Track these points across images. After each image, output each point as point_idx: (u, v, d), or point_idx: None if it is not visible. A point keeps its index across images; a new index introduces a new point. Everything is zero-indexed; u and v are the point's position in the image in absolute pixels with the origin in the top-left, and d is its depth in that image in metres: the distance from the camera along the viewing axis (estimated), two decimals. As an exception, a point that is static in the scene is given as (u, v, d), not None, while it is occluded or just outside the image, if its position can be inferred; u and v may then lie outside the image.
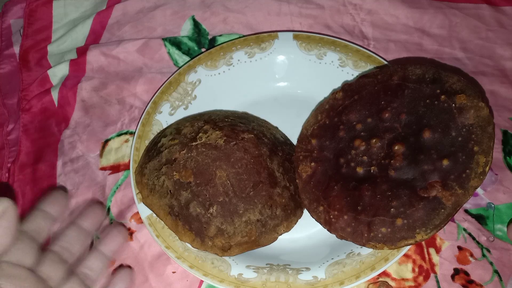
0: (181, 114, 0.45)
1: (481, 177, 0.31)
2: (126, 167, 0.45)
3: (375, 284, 0.38)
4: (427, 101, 0.34)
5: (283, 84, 0.47)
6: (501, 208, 0.40)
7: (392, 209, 0.33)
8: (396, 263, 0.38)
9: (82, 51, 0.51)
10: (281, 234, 0.38)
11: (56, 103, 0.49)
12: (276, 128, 0.45)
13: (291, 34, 0.47)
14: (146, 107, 0.44)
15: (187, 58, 0.51)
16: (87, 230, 0.37)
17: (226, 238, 0.36)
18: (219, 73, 0.46)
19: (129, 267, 0.39)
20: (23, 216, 0.40)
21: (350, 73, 0.44)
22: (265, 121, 0.45)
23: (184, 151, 0.38)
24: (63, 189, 0.40)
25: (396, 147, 0.34)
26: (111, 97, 0.49)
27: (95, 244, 0.38)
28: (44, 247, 0.35)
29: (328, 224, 0.36)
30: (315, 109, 0.41)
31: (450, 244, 0.39)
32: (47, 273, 0.32)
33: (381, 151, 0.35)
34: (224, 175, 0.37)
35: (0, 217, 0.29)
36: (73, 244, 0.35)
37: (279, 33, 0.47)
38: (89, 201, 0.42)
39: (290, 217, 0.38)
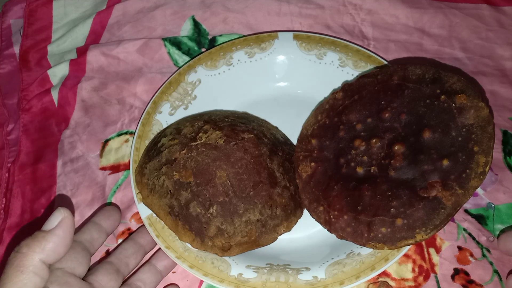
0: (181, 114, 0.44)
1: (481, 177, 0.31)
2: (126, 167, 0.45)
3: (375, 284, 0.38)
4: (427, 101, 0.34)
5: (283, 84, 0.47)
6: (501, 208, 0.40)
7: (392, 209, 0.33)
8: (396, 263, 0.38)
9: (82, 51, 0.51)
10: (281, 234, 0.38)
11: (56, 103, 0.49)
12: (276, 128, 0.45)
13: (291, 34, 0.47)
14: (146, 107, 0.44)
15: (187, 58, 0.51)
16: (143, 247, 0.38)
17: (226, 238, 0.36)
18: (219, 73, 0.46)
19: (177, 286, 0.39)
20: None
21: (350, 73, 0.44)
22: (265, 121, 0.45)
23: (184, 151, 0.38)
24: (116, 206, 0.42)
25: (396, 147, 0.34)
26: (111, 97, 0.49)
27: (149, 258, 0.39)
28: (102, 259, 0.37)
29: (328, 224, 0.36)
30: (315, 109, 0.41)
31: (450, 244, 0.39)
32: (100, 282, 0.34)
33: (381, 151, 0.35)
34: (224, 175, 0.37)
35: (57, 227, 0.30)
36: (129, 257, 0.37)
37: (279, 33, 0.47)
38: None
39: (290, 217, 0.38)
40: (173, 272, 0.39)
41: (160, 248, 0.38)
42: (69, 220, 0.31)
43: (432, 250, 0.39)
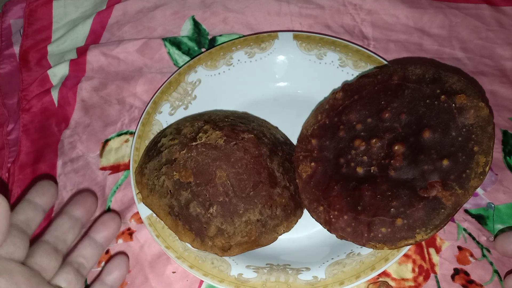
0: (181, 114, 0.45)
1: (481, 177, 0.31)
2: (126, 167, 0.45)
3: (375, 284, 0.38)
4: (427, 101, 0.34)
5: (283, 84, 0.47)
6: (501, 208, 0.40)
7: (392, 209, 0.33)
8: (396, 263, 0.38)
9: (82, 51, 0.51)
10: (281, 234, 0.38)
11: (56, 103, 0.49)
12: (276, 128, 0.45)
13: (291, 34, 0.47)
14: (146, 107, 0.44)
15: (187, 58, 0.51)
16: (79, 220, 0.36)
17: (226, 238, 0.36)
18: (219, 73, 0.46)
19: (125, 254, 0.39)
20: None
21: (350, 73, 0.44)
22: (265, 121, 0.45)
23: (184, 151, 0.38)
24: (52, 179, 0.39)
25: (396, 147, 0.34)
26: (111, 97, 0.49)
27: (88, 232, 0.37)
28: (37, 238, 0.34)
29: (328, 224, 0.36)
30: (315, 109, 0.41)
31: (450, 244, 0.39)
32: (40, 264, 0.31)
33: (381, 151, 0.35)
34: (224, 175, 0.37)
35: None
36: (66, 233, 0.35)
37: (279, 33, 0.47)
38: (81, 190, 0.42)
39: (290, 217, 0.38)
40: (173, 272, 0.39)
41: (97, 219, 0.37)
42: (3, 206, 0.28)
43: (432, 250, 0.39)
